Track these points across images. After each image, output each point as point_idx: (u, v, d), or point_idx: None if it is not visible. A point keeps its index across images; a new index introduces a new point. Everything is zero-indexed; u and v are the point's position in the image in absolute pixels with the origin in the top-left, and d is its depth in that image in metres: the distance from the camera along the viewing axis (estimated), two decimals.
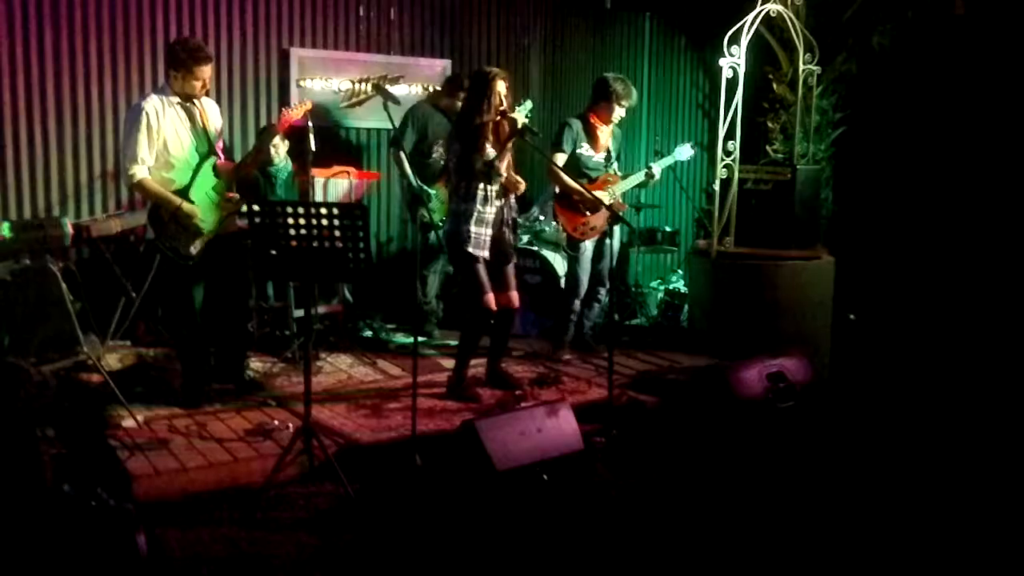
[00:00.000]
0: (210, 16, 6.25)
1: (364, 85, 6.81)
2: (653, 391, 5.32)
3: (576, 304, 6.00)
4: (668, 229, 7.49)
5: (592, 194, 5.53)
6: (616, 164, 6.05)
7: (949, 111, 7.20)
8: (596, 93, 5.91)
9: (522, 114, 5.02)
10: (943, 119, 7.22)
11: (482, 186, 5.00)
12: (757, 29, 6.22)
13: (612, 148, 6.01)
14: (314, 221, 3.83)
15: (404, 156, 6.16)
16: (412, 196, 6.18)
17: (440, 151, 6.21)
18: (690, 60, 8.50)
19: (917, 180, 7.38)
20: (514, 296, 5.17)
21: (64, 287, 4.68)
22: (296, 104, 4.90)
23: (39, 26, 5.72)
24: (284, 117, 4.84)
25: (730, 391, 4.89)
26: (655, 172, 6.09)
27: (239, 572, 3.40)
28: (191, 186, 4.67)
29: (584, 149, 5.88)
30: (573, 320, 6.04)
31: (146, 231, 4.92)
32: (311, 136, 4.90)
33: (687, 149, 6.22)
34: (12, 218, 5.61)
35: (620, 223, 5.75)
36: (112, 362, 5.35)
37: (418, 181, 6.13)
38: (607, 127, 5.92)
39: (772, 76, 7.53)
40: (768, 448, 4.70)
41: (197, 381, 4.87)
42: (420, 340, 5.89)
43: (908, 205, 7.41)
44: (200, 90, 4.68)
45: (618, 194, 5.97)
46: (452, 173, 5.10)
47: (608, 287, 5.90)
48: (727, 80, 6.10)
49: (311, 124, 4.99)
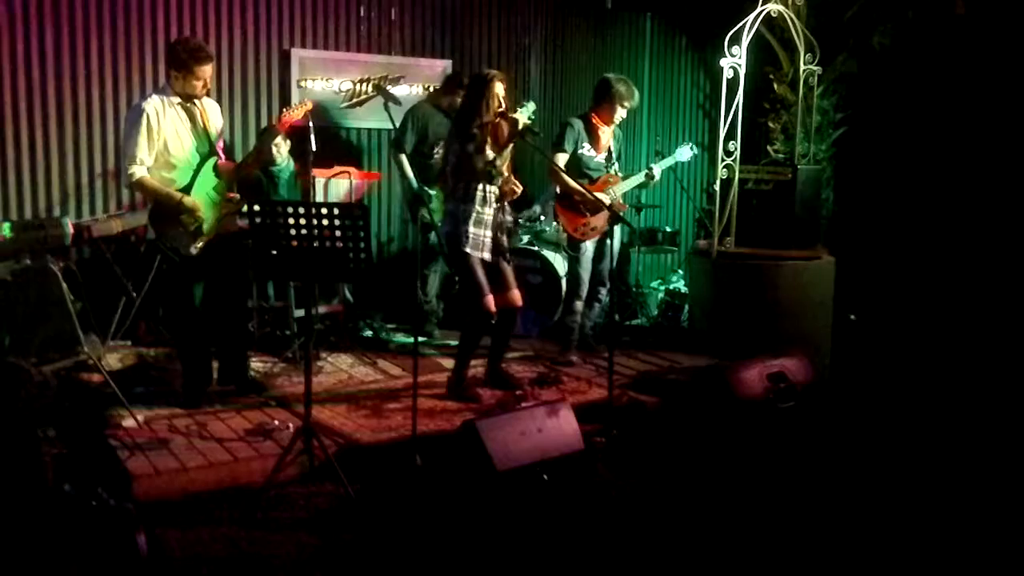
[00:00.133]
0: (211, 16, 6.26)
1: (365, 85, 6.81)
2: (653, 391, 5.31)
3: (579, 304, 5.99)
4: (669, 229, 7.49)
5: (593, 195, 5.53)
6: (616, 164, 6.05)
7: (950, 111, 7.19)
8: (598, 94, 5.91)
9: (524, 115, 5.02)
10: (944, 119, 7.21)
11: (482, 187, 4.99)
12: (758, 29, 6.22)
13: (613, 148, 6.02)
14: (315, 221, 3.83)
15: (405, 158, 6.17)
16: (413, 196, 6.19)
17: (441, 151, 6.20)
18: (691, 60, 8.50)
19: (918, 180, 7.38)
20: (515, 295, 5.14)
21: (65, 287, 4.68)
22: (297, 104, 4.90)
23: (40, 26, 5.73)
24: (285, 117, 4.84)
25: (731, 391, 4.89)
26: (655, 173, 6.08)
27: (239, 572, 3.40)
28: (192, 186, 4.66)
29: (586, 149, 5.87)
30: (577, 321, 6.04)
31: (147, 231, 4.92)
32: (312, 136, 4.91)
33: (687, 150, 6.22)
34: (13, 218, 5.62)
35: (621, 223, 5.75)
36: (113, 362, 5.36)
37: (419, 182, 6.13)
38: (608, 128, 5.92)
39: (773, 76, 7.53)
40: (769, 448, 4.70)
41: (197, 381, 4.87)
42: (420, 340, 5.91)
43: (909, 205, 7.41)
44: (201, 90, 4.68)
45: (619, 195, 5.97)
46: (450, 174, 5.06)
47: (609, 287, 5.90)
48: (728, 80, 6.10)
49: (312, 124, 4.99)
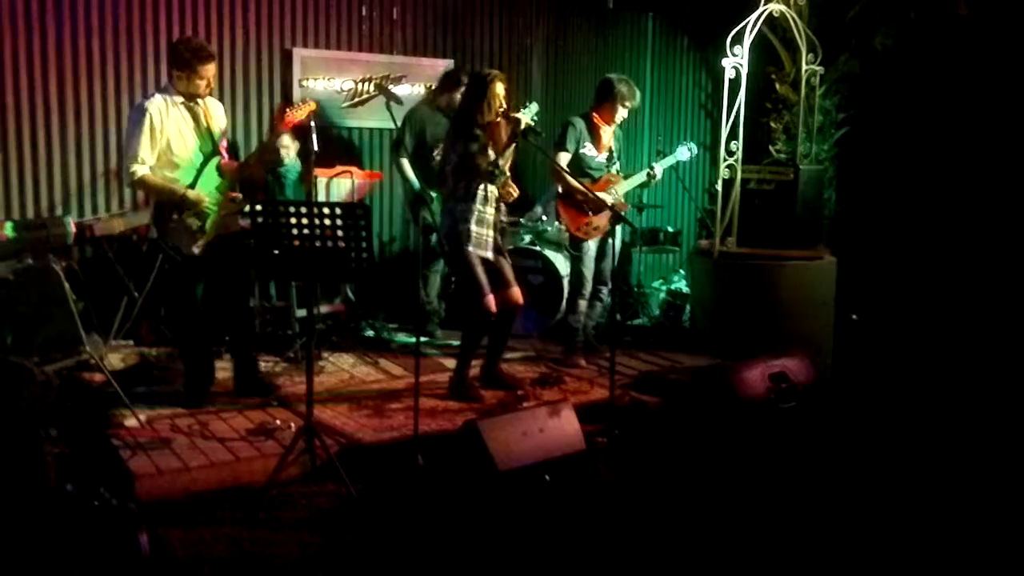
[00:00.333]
0: (212, 15, 6.26)
1: (367, 85, 6.81)
2: (655, 391, 5.31)
3: (582, 304, 5.98)
4: (670, 229, 7.50)
5: (595, 194, 5.52)
6: (617, 164, 6.05)
7: (952, 112, 7.19)
8: (600, 93, 5.91)
9: (528, 116, 5.01)
10: (946, 120, 7.21)
11: (483, 186, 4.99)
12: (760, 29, 6.23)
13: (614, 148, 6.02)
14: (316, 221, 3.83)
15: (406, 162, 6.16)
16: (415, 197, 6.18)
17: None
18: (693, 60, 8.50)
19: (920, 180, 7.37)
20: (516, 292, 5.12)
21: (67, 286, 4.67)
22: (299, 103, 4.90)
23: (42, 25, 5.73)
24: (288, 117, 4.82)
25: (732, 391, 4.89)
26: (657, 172, 6.08)
27: (241, 572, 3.40)
28: (195, 186, 4.66)
29: (587, 149, 5.87)
30: (580, 320, 6.02)
31: (149, 230, 4.91)
32: (313, 136, 4.91)
33: (686, 149, 6.21)
34: (15, 217, 5.62)
35: (622, 223, 5.75)
36: (115, 361, 5.35)
37: (421, 183, 6.13)
38: (610, 127, 5.92)
39: (775, 76, 7.52)
40: (770, 448, 4.70)
41: (199, 381, 4.87)
42: (422, 340, 5.91)
43: (911, 205, 7.40)
44: (204, 89, 4.67)
45: (620, 194, 5.97)
46: (450, 173, 5.04)
47: (610, 287, 5.90)
48: (730, 80, 6.10)
49: (313, 124, 4.99)
